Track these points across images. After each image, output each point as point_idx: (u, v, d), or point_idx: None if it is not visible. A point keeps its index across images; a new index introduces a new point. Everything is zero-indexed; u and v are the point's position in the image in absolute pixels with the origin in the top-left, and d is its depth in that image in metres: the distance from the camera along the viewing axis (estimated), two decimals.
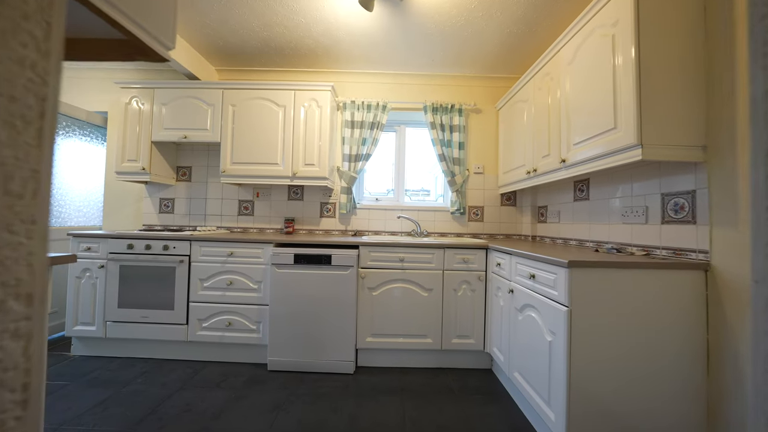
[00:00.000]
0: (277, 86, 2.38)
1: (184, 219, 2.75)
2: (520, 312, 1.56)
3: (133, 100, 2.44)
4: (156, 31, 0.61)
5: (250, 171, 2.39)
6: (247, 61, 2.62)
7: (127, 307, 2.10)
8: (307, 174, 2.37)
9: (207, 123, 2.41)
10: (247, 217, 2.73)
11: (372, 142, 2.58)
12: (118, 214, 2.79)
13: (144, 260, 2.10)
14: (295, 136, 2.38)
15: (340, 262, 1.99)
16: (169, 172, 2.69)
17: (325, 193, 2.71)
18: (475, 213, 2.71)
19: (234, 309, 2.08)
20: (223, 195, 2.75)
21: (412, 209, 2.71)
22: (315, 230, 2.71)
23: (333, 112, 2.53)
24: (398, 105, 2.70)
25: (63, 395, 1.70)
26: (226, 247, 2.10)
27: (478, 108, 2.73)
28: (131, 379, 1.88)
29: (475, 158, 2.73)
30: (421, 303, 2.04)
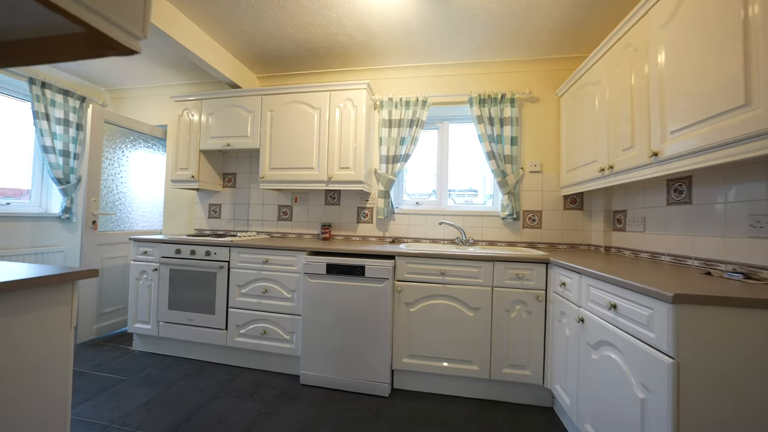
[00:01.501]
0: (311, 88, 2.32)
1: (230, 224, 2.85)
2: (595, 349, 1.22)
3: (184, 112, 2.59)
4: (121, 21, 0.50)
5: (286, 176, 2.36)
6: (284, 65, 2.61)
7: (175, 309, 2.21)
8: (342, 178, 2.26)
9: (248, 130, 2.44)
10: (286, 222, 2.73)
11: (411, 141, 2.38)
12: (175, 219, 3.00)
13: (189, 265, 2.18)
14: (331, 138, 2.28)
15: (374, 273, 1.83)
16: (216, 179, 2.80)
17: (362, 198, 2.58)
18: (531, 218, 2.34)
19: (269, 317, 2.05)
20: (264, 200, 2.79)
21: (456, 214, 2.44)
22: (352, 236, 2.59)
23: (369, 111, 2.39)
24: (440, 99, 2.45)
25: (117, 391, 1.81)
26: (262, 254, 2.08)
27: (533, 96, 2.36)
28: (175, 380, 1.94)
29: (531, 155, 2.36)
30: (466, 324, 1.78)
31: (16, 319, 0.81)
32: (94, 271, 0.96)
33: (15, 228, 2.60)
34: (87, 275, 0.94)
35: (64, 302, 0.92)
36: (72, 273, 0.90)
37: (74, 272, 0.91)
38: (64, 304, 0.91)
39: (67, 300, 0.93)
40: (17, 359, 0.82)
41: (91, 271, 0.95)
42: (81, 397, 1.76)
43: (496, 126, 2.29)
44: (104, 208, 2.60)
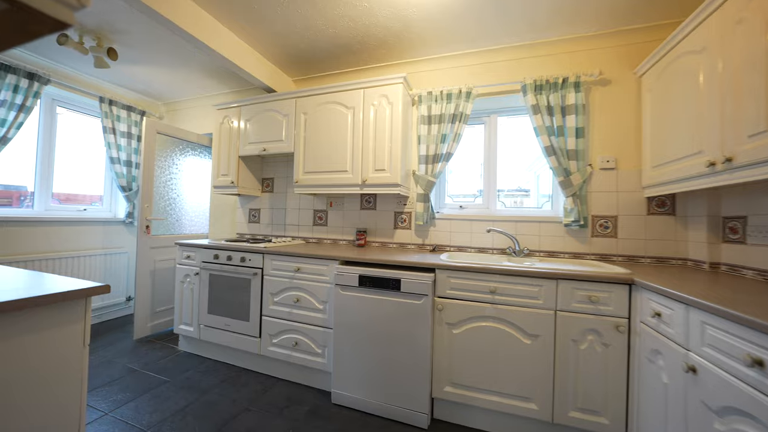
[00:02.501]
0: (344, 87, 2.19)
1: (268, 228, 2.86)
2: (719, 416, 0.87)
3: (225, 120, 2.64)
4: None
5: (320, 180, 2.26)
6: (318, 66, 2.53)
7: (214, 313, 2.23)
8: (377, 181, 2.09)
9: (282, 134, 2.40)
10: (321, 228, 2.65)
11: (453, 139, 2.12)
12: (219, 223, 3.10)
13: (226, 270, 2.19)
14: (365, 139, 2.13)
15: (412, 288, 1.62)
16: (255, 184, 2.83)
17: (400, 202, 2.39)
18: (602, 225, 1.94)
19: (300, 329, 1.95)
20: (300, 205, 2.74)
21: (506, 219, 2.12)
22: (388, 243, 2.41)
23: (406, 108, 2.19)
24: (486, 90, 2.16)
25: (158, 394, 1.84)
26: (293, 262, 2.00)
27: (604, 78, 1.95)
28: (211, 387, 1.93)
29: (601, 148, 1.96)
30: (522, 353, 1.49)
31: (22, 339, 0.76)
32: (105, 287, 0.90)
33: (89, 231, 2.89)
34: (98, 291, 0.89)
35: (75, 320, 0.86)
36: (77, 291, 0.85)
37: (81, 290, 0.85)
38: (74, 322, 0.86)
39: (78, 317, 0.87)
40: (26, 382, 0.77)
41: (102, 287, 0.89)
42: (128, 395, 1.82)
43: (556, 116, 1.93)
44: (156, 214, 2.77)
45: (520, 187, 2.38)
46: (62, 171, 2.83)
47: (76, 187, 2.98)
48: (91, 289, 0.88)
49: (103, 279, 2.93)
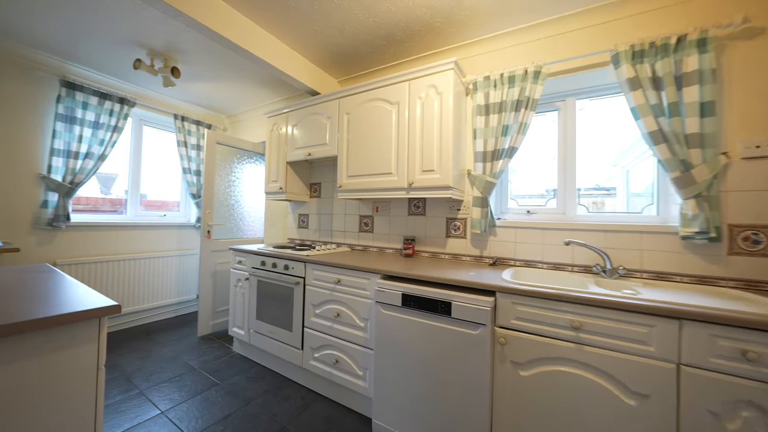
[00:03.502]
0: (387, 81, 1.99)
1: (316, 234, 2.82)
2: None
3: (274, 127, 2.68)
4: None
5: (363, 184, 2.10)
6: (362, 62, 2.38)
7: (261, 320, 2.23)
8: (425, 183, 1.83)
9: (326, 137, 2.31)
10: (367, 234, 2.49)
11: (518, 130, 1.75)
12: (273, 228, 3.19)
13: (272, 278, 2.17)
14: (411, 137, 1.90)
15: (465, 314, 1.33)
16: (304, 189, 2.81)
17: (453, 207, 2.09)
18: (749, 239, 1.36)
19: (341, 346, 1.80)
20: (346, 210, 2.63)
21: (591, 228, 1.66)
22: (439, 254, 2.13)
23: (458, 98, 1.89)
24: (561, 66, 1.74)
25: (207, 397, 1.88)
26: (334, 273, 1.86)
27: (752, 27, 1.37)
28: (255, 396, 1.91)
29: (745, 129, 1.38)
30: (622, 416, 1.08)
31: (28, 363, 0.71)
32: (116, 308, 0.84)
33: (168, 234, 3.23)
34: (109, 312, 0.83)
35: (87, 341, 0.81)
36: (86, 312, 0.79)
37: (90, 310, 0.79)
38: (87, 343, 0.81)
39: (91, 338, 0.82)
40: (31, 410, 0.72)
41: (113, 308, 0.83)
42: (183, 395, 1.89)
43: (667, 90, 1.43)
44: (217, 219, 2.94)
45: (598, 184, 1.88)
46: (147, 181, 3.22)
47: (158, 195, 3.36)
48: (103, 309, 0.82)
49: (177, 278, 3.24)
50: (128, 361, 2.28)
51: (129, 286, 2.88)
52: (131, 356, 2.34)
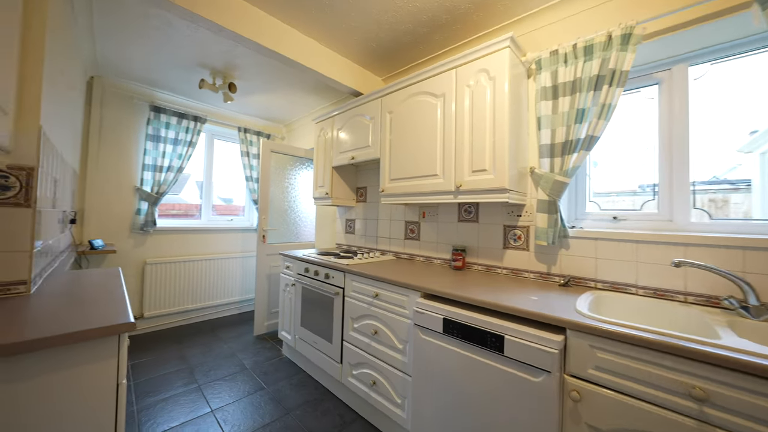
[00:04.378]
0: (431, 71, 1.77)
1: (362, 240, 2.73)
2: None
3: (322, 132, 2.67)
4: None
5: (406, 188, 1.91)
6: (406, 56, 2.20)
7: (305, 327, 2.21)
8: (475, 186, 1.56)
9: (369, 138, 2.19)
10: (413, 242, 2.29)
11: (600, 113, 1.36)
12: (323, 233, 3.22)
13: (315, 286, 2.13)
14: (458, 133, 1.65)
15: (522, 355, 1.04)
16: (350, 194, 2.75)
17: (511, 212, 1.76)
18: None
19: (379, 366, 1.64)
20: (392, 215, 2.47)
21: (716, 244, 1.18)
22: (495, 268, 1.81)
23: (517, 82, 1.57)
24: (663, 23, 1.29)
25: (252, 401, 1.91)
26: (371, 286, 1.72)
27: None
28: (295, 407, 1.87)
29: None
30: None
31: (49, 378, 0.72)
32: (131, 325, 0.82)
33: (233, 238, 3.52)
34: (124, 329, 0.81)
35: (106, 356, 0.81)
36: (102, 329, 0.77)
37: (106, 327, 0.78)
38: (105, 359, 0.80)
39: (111, 354, 0.81)
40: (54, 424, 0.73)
41: (127, 325, 0.81)
42: (232, 396, 1.96)
43: None
44: (272, 224, 3.08)
45: (716, 177, 1.34)
46: (218, 189, 3.57)
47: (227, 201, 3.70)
48: (122, 325, 0.80)
49: (241, 277, 3.50)
50: (193, 354, 2.49)
51: (201, 283, 3.20)
52: (196, 350, 2.57)
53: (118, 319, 0.83)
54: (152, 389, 2.00)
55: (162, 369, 2.25)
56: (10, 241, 1.03)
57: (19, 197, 1.05)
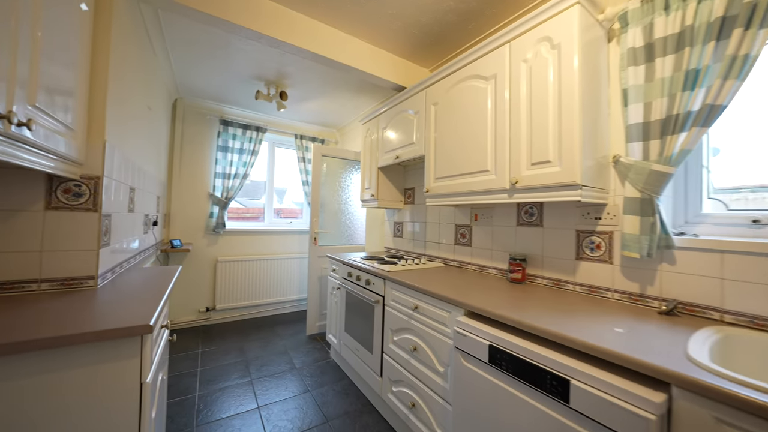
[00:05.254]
0: (480, 50, 1.52)
1: (410, 244, 2.57)
2: None
3: (368, 133, 2.61)
4: None
5: (452, 187, 1.69)
6: (453, 39, 1.97)
7: (349, 333, 2.15)
8: (535, 182, 1.27)
9: (413, 135, 2.03)
10: (464, 248, 2.05)
11: (726, 71, 0.95)
12: (372, 236, 3.15)
13: (357, 291, 2.05)
14: (513, 119, 1.37)
15: (596, 411, 0.76)
16: (397, 195, 2.62)
17: (587, 214, 1.40)
18: None
19: (418, 388, 1.46)
20: (440, 218, 2.26)
21: None
22: (564, 283, 1.47)
23: (591, 48, 1.23)
24: None
25: (296, 405, 1.91)
26: (411, 297, 1.55)
27: None
28: (334, 416, 1.81)
29: None
30: None
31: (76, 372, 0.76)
32: (147, 327, 0.82)
33: (292, 239, 3.72)
34: (139, 332, 0.82)
35: (129, 356, 0.83)
36: (111, 330, 0.79)
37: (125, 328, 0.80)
38: (128, 358, 0.82)
39: (133, 353, 0.83)
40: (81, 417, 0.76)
41: (143, 327, 0.82)
42: (279, 395, 2.00)
43: None
44: (325, 227, 3.13)
45: None
46: (279, 193, 3.82)
47: (287, 204, 3.94)
48: (136, 328, 0.81)
49: (298, 277, 3.67)
50: (252, 348, 2.66)
51: (264, 281, 3.45)
52: (255, 344, 2.74)
53: (138, 321, 0.85)
54: (213, 377, 2.18)
55: (223, 359, 2.44)
56: (80, 241, 1.17)
57: (89, 203, 1.19)
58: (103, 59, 1.24)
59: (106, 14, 1.24)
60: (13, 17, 0.72)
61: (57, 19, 0.92)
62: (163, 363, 1.20)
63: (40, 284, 1.12)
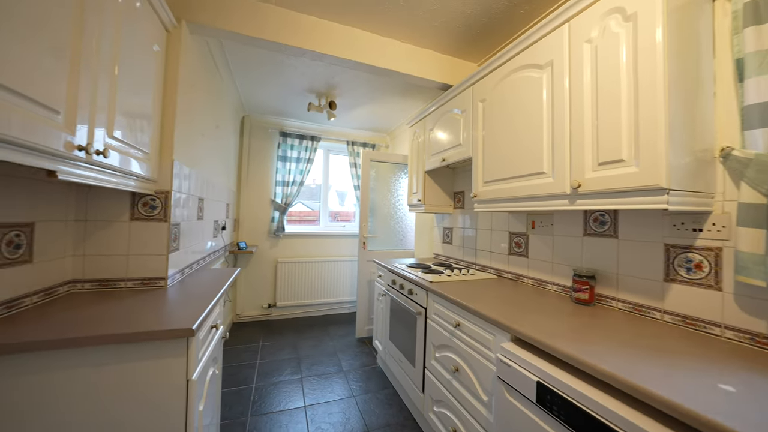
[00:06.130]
0: (533, 35, 1.32)
1: (459, 252, 2.41)
2: None
3: (415, 136, 2.53)
4: None
5: (503, 191, 1.52)
6: (502, 27, 1.76)
7: (393, 342, 2.11)
8: (603, 185, 1.05)
9: (460, 136, 1.89)
10: (519, 259, 1.82)
11: None
12: (421, 242, 3.06)
13: (401, 300, 1.99)
14: (574, 111, 1.16)
15: None
16: (446, 200, 2.49)
17: (682, 224, 1.10)
18: None
19: (460, 413, 1.34)
20: (492, 225, 2.06)
21: None
22: (648, 309, 1.18)
23: (684, 14, 0.96)
24: None
25: (339, 409, 1.93)
26: (453, 312, 1.43)
27: None
28: (377, 426, 1.78)
29: None
30: None
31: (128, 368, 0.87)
32: (190, 331, 0.90)
33: (345, 242, 3.84)
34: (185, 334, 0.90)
35: (176, 354, 0.92)
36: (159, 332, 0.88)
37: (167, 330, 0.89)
38: (175, 357, 0.91)
39: (180, 352, 0.92)
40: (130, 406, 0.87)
41: (187, 330, 0.90)
42: (325, 395, 2.06)
43: None
44: (374, 231, 3.15)
45: None
46: (332, 198, 3.98)
47: (341, 209, 4.09)
48: (177, 330, 0.90)
49: (349, 280, 3.77)
50: (304, 346, 2.81)
51: (319, 282, 3.63)
52: (308, 342, 2.88)
53: (184, 324, 0.93)
54: (269, 371, 2.35)
55: (279, 354, 2.63)
56: (154, 247, 1.36)
57: (161, 214, 1.38)
58: (172, 90, 1.43)
59: (174, 52, 1.43)
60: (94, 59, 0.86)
61: (132, 59, 1.08)
62: (215, 359, 1.32)
63: (126, 282, 1.34)
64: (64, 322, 0.91)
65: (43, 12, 0.70)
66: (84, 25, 0.82)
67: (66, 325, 0.90)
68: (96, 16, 0.87)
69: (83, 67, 0.82)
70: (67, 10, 0.77)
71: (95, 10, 0.86)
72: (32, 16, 0.67)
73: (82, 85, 0.82)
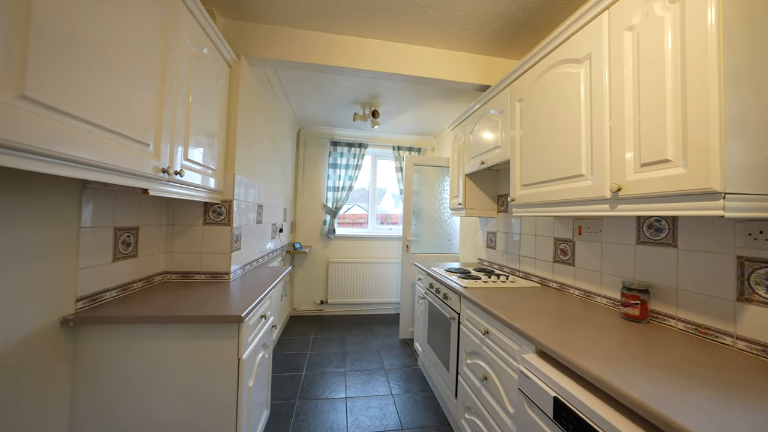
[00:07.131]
0: (569, 28, 1.23)
1: (503, 257, 2.31)
2: None
3: (456, 139, 2.51)
4: None
5: (540, 195, 1.44)
6: (541, 20, 1.65)
7: (430, 345, 2.12)
8: (645, 189, 0.94)
9: (499, 137, 1.83)
10: (565, 267, 1.69)
11: None
12: (465, 246, 2.99)
13: (437, 304, 2.01)
14: (614, 107, 1.06)
15: None
16: (489, 203, 2.40)
17: (761, 233, 0.92)
18: None
19: (488, 423, 1.31)
20: (537, 230, 1.94)
21: None
22: (716, 333, 1.01)
23: None
24: None
25: (376, 404, 2.03)
26: (483, 319, 1.40)
27: None
28: (411, 427, 1.82)
29: None
30: None
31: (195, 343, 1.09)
32: (239, 318, 1.09)
33: (392, 245, 3.96)
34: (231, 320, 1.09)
35: (229, 336, 1.11)
36: (216, 317, 1.07)
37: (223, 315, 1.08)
38: (229, 338, 1.11)
39: (232, 334, 1.12)
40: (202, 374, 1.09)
41: (236, 317, 1.09)
42: (365, 390, 2.17)
43: None
44: (419, 235, 3.19)
45: None
46: (388, 200, 4.13)
47: (388, 211, 4.21)
48: (229, 317, 1.09)
49: (395, 281, 3.86)
50: (350, 342, 2.98)
51: (367, 282, 3.80)
52: (354, 339, 3.05)
53: (236, 312, 1.12)
54: (317, 362, 2.57)
55: (327, 347, 2.84)
56: (221, 246, 1.64)
57: (225, 219, 1.65)
58: (233, 115, 1.70)
59: (235, 82, 1.70)
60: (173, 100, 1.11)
61: (201, 97, 1.34)
62: (265, 345, 1.52)
63: (200, 275, 1.63)
64: (161, 304, 1.19)
65: (143, 65, 0.94)
66: (165, 75, 1.06)
67: (161, 306, 1.17)
68: (176, 67, 1.12)
69: (166, 105, 1.06)
70: (156, 59, 1.01)
71: (175, 63, 1.11)
72: (139, 70, 0.92)
73: (165, 122, 1.06)
